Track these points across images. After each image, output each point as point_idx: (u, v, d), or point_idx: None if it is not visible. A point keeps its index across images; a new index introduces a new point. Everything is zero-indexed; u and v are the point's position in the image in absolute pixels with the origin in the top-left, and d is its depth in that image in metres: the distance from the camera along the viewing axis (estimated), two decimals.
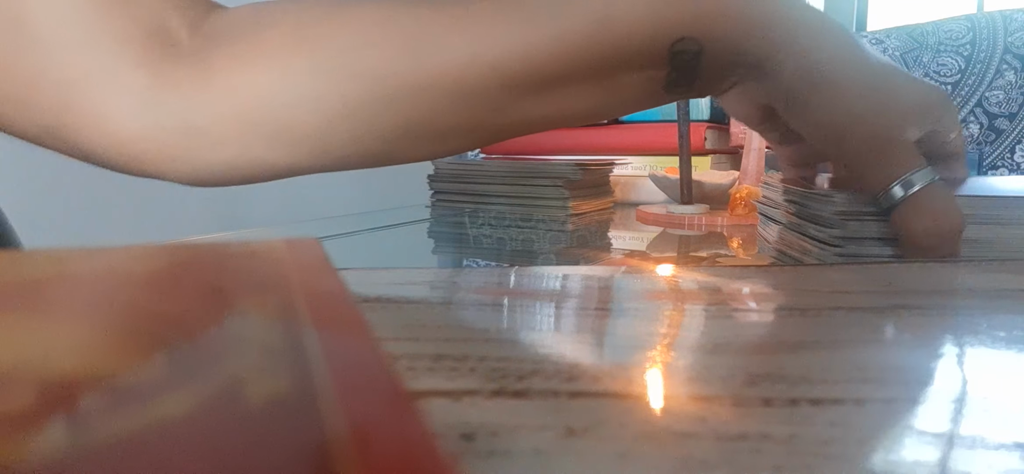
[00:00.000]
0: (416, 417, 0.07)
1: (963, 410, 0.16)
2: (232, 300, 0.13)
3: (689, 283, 0.33)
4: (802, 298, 0.30)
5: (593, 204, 0.72)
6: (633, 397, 0.17)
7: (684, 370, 0.20)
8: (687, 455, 0.14)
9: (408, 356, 0.21)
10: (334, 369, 0.08)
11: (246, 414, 0.07)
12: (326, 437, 0.07)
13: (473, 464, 0.14)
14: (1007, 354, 0.21)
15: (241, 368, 0.09)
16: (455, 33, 0.32)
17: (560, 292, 0.31)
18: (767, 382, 0.18)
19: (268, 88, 0.32)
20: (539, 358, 0.21)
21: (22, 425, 0.07)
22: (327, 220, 0.62)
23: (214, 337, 0.10)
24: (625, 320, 0.26)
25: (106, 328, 0.11)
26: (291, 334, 0.10)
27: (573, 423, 0.15)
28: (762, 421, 0.16)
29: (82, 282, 0.15)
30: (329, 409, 0.07)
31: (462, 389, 0.18)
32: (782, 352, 0.21)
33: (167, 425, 0.07)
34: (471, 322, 0.25)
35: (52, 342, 0.10)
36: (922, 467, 0.13)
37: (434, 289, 0.31)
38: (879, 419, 0.16)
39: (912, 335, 0.23)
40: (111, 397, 0.08)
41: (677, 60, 0.33)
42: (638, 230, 0.57)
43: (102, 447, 0.07)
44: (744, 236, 0.51)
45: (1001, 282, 0.30)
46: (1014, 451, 0.14)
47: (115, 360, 0.09)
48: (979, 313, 0.26)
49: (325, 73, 0.32)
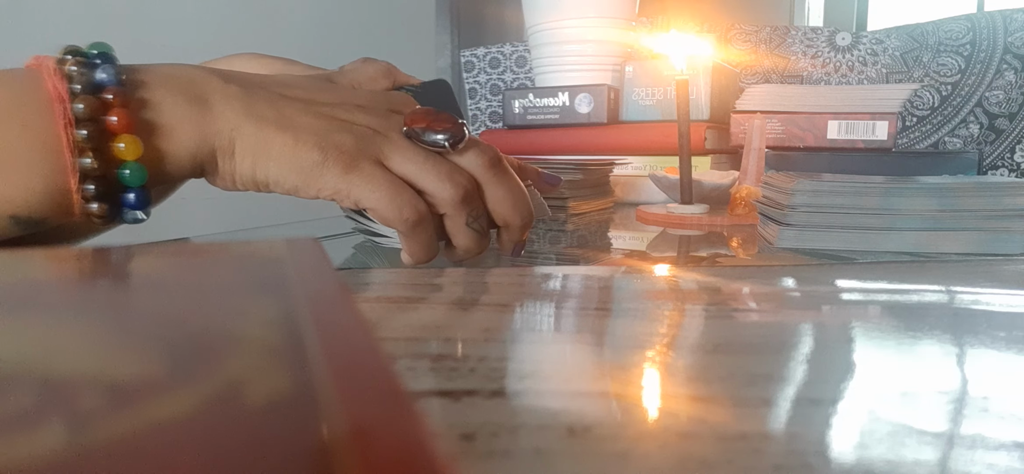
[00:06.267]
0: (416, 417, 0.07)
1: (963, 410, 0.16)
2: (233, 300, 0.13)
3: (689, 283, 0.33)
4: (802, 298, 0.30)
5: (593, 204, 0.72)
6: (633, 397, 0.17)
7: (684, 370, 0.20)
8: (687, 455, 0.14)
9: (408, 356, 0.21)
10: (334, 369, 0.08)
11: (246, 414, 0.07)
12: (326, 437, 0.07)
13: (473, 464, 0.14)
14: (1007, 354, 0.21)
15: (241, 368, 0.09)
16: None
17: (560, 292, 0.31)
18: (767, 382, 0.18)
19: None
20: (539, 358, 0.21)
21: (22, 425, 0.07)
22: (327, 220, 0.62)
23: (215, 337, 0.10)
24: (625, 320, 0.26)
25: (106, 328, 0.11)
26: (291, 334, 0.10)
27: (573, 423, 0.15)
28: (762, 421, 0.16)
29: (82, 282, 0.15)
30: (329, 409, 0.07)
31: (462, 389, 0.18)
32: (782, 352, 0.21)
33: (168, 424, 0.07)
34: (471, 322, 0.25)
35: (52, 342, 0.10)
36: (922, 467, 0.13)
37: (434, 289, 0.31)
38: (879, 419, 0.16)
39: (912, 335, 0.23)
40: (112, 397, 0.08)
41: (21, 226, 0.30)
42: (638, 230, 0.57)
43: (102, 447, 0.07)
44: (744, 236, 0.51)
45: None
46: (1014, 451, 0.14)
47: (116, 360, 0.09)
48: (979, 313, 0.26)
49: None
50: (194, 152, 0.31)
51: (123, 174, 0.29)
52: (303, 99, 0.33)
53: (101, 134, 0.28)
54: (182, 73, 0.31)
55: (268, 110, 0.32)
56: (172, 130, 0.30)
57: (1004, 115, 1.20)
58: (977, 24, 1.23)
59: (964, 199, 0.41)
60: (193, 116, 0.31)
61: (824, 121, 0.76)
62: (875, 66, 1.27)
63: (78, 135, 0.28)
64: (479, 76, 1.55)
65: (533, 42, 0.97)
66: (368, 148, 0.32)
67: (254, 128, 0.31)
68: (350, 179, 0.31)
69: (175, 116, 0.30)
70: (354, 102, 0.34)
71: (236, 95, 0.32)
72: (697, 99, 0.84)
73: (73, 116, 0.28)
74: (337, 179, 0.31)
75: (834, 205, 0.43)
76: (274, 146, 0.31)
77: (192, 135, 0.31)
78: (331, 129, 0.32)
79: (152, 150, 0.30)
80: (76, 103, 0.28)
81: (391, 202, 0.32)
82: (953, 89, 1.22)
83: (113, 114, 0.28)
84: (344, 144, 0.32)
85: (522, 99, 0.93)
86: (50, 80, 0.28)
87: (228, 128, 0.31)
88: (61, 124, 0.28)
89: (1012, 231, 0.41)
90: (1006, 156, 1.21)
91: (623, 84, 0.90)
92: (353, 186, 0.31)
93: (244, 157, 0.32)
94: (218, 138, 0.31)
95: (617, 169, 0.81)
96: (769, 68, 1.31)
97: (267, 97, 0.32)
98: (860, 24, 2.68)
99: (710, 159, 0.83)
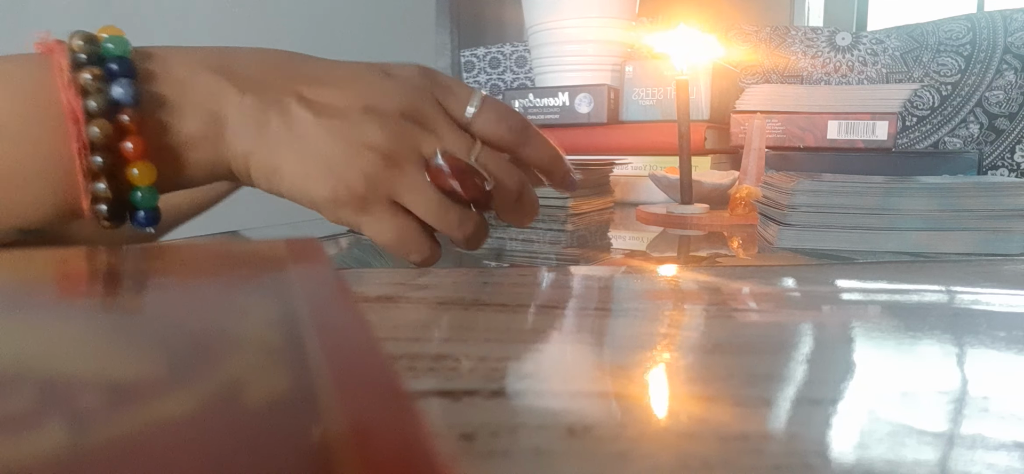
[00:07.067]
0: (416, 417, 0.07)
1: (963, 410, 0.16)
2: (233, 300, 0.13)
3: (689, 283, 0.33)
4: (802, 298, 0.30)
5: (593, 204, 0.72)
6: (633, 397, 0.17)
7: (684, 370, 0.20)
8: (687, 455, 0.14)
9: (408, 356, 0.21)
10: (334, 369, 0.08)
11: (246, 414, 0.07)
12: (326, 437, 0.07)
13: (473, 464, 0.14)
14: (1007, 354, 0.21)
15: (242, 368, 0.09)
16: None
17: (560, 292, 0.31)
18: (767, 382, 0.18)
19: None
20: (539, 358, 0.21)
21: (22, 425, 0.07)
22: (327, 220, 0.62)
23: (215, 337, 0.10)
24: (625, 320, 0.26)
25: (107, 328, 0.11)
26: (291, 334, 0.10)
27: (573, 423, 0.15)
28: (762, 421, 0.16)
29: (82, 282, 0.15)
30: (329, 409, 0.07)
31: (462, 389, 0.18)
32: (782, 352, 0.21)
33: (168, 424, 0.07)
34: (472, 322, 0.25)
35: (52, 342, 0.10)
36: (922, 467, 0.13)
37: (435, 289, 0.31)
38: (879, 419, 0.16)
39: (912, 335, 0.23)
40: (112, 397, 0.08)
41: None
42: (638, 230, 0.57)
43: (102, 447, 0.07)
44: (744, 236, 0.51)
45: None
46: (1014, 451, 0.14)
47: (115, 360, 0.09)
48: (979, 313, 0.26)
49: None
50: (210, 172, 0.31)
51: (135, 197, 0.29)
52: (321, 103, 0.32)
53: (116, 159, 0.28)
54: (201, 84, 0.30)
55: (282, 128, 0.31)
56: (187, 153, 0.30)
57: (1004, 115, 1.20)
58: (977, 24, 1.23)
59: (964, 199, 0.41)
60: (210, 136, 0.30)
61: (824, 121, 0.76)
62: (875, 66, 1.27)
63: (93, 162, 0.28)
64: (479, 76, 1.55)
65: (533, 42, 0.97)
66: (380, 187, 0.31)
67: (267, 153, 0.31)
68: (361, 220, 0.32)
69: (192, 138, 0.30)
70: (374, 105, 0.32)
71: (251, 111, 0.31)
72: (697, 99, 0.84)
73: (87, 140, 0.28)
74: (349, 216, 0.32)
75: (834, 205, 0.43)
76: (285, 176, 0.31)
77: (207, 156, 0.31)
78: (345, 159, 0.31)
79: (166, 172, 0.30)
80: (91, 126, 0.27)
81: (401, 246, 0.33)
82: (953, 89, 1.22)
83: (129, 141, 0.28)
84: (355, 185, 0.31)
85: (522, 99, 0.93)
86: (64, 92, 0.28)
87: (242, 151, 0.31)
88: (75, 147, 0.28)
89: (1012, 231, 0.41)
90: (1006, 156, 1.21)
91: (623, 84, 0.90)
92: (364, 226, 0.32)
93: (259, 177, 0.32)
94: (234, 161, 0.31)
95: (617, 169, 0.81)
96: (769, 68, 1.32)
97: (281, 110, 0.31)
98: (860, 24, 2.68)
99: (710, 159, 0.83)
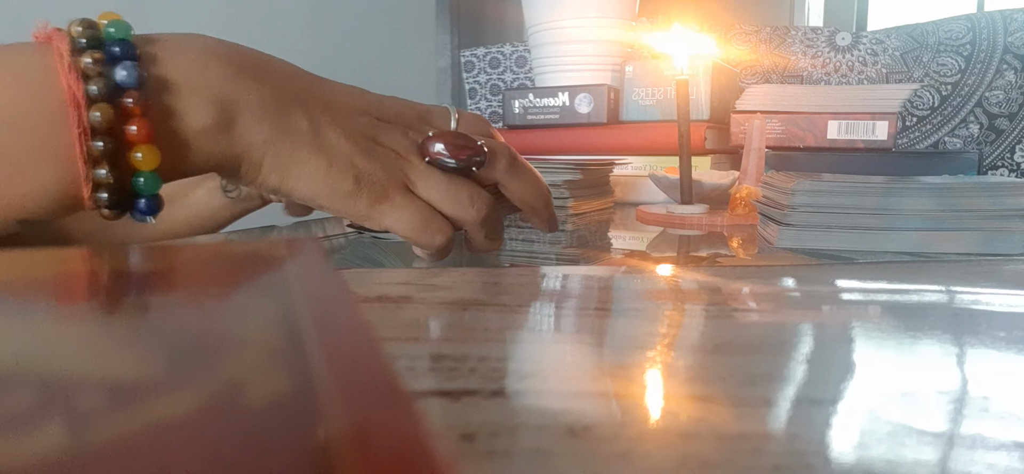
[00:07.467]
0: (416, 417, 0.07)
1: (963, 410, 0.16)
2: (233, 300, 0.13)
3: (689, 283, 0.33)
4: (802, 298, 0.30)
5: (593, 204, 0.72)
6: (633, 397, 0.17)
7: (684, 370, 0.20)
8: (687, 455, 0.14)
9: (408, 356, 0.21)
10: (334, 369, 0.08)
11: (246, 414, 0.07)
12: (326, 437, 0.07)
13: (473, 464, 0.14)
14: (1007, 354, 0.21)
15: (241, 368, 0.09)
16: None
17: (560, 292, 0.31)
18: (767, 382, 0.18)
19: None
20: (539, 358, 0.21)
21: (22, 425, 0.07)
22: (327, 220, 0.62)
23: (215, 337, 0.10)
24: (625, 320, 0.26)
25: (106, 328, 0.11)
26: (291, 334, 0.10)
27: (573, 423, 0.15)
28: (762, 421, 0.16)
29: (82, 282, 0.15)
30: (329, 409, 0.07)
31: (462, 389, 0.18)
32: (782, 352, 0.21)
33: (168, 425, 0.07)
34: (471, 322, 0.25)
35: (52, 342, 0.10)
36: (922, 467, 0.13)
37: (434, 289, 0.31)
38: (879, 419, 0.16)
39: (912, 335, 0.23)
40: (112, 397, 0.08)
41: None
42: (638, 230, 0.57)
43: (102, 447, 0.07)
44: (744, 236, 0.51)
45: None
46: (1014, 451, 0.14)
47: (115, 360, 0.09)
48: (979, 313, 0.26)
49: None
50: (217, 163, 0.30)
51: (137, 182, 0.28)
52: (336, 105, 0.32)
53: (118, 144, 0.27)
54: (213, 73, 0.29)
55: (304, 124, 0.31)
56: (196, 140, 0.29)
57: (1004, 115, 1.20)
58: (977, 24, 1.23)
59: (964, 199, 0.41)
60: (221, 126, 0.29)
61: (824, 121, 0.76)
62: (875, 66, 1.27)
63: (94, 147, 0.27)
64: (479, 76, 1.55)
65: (533, 42, 0.97)
66: (396, 176, 0.32)
67: (289, 147, 0.30)
68: (382, 209, 0.32)
69: (201, 126, 0.29)
70: (377, 114, 0.34)
71: (272, 105, 0.30)
72: (697, 99, 0.84)
73: (89, 125, 0.26)
74: (368, 208, 0.32)
75: (834, 205, 0.43)
76: (307, 168, 0.31)
77: (217, 146, 0.29)
78: (362, 153, 0.32)
79: (171, 159, 0.28)
80: (93, 111, 0.26)
81: (423, 231, 0.33)
82: (953, 89, 1.22)
83: (133, 124, 0.27)
84: (375, 175, 0.32)
85: (522, 99, 0.93)
86: (65, 77, 0.26)
87: (260, 142, 0.30)
88: (75, 132, 0.26)
89: (1012, 231, 0.41)
90: (1006, 156, 1.21)
91: (623, 84, 0.90)
92: (385, 215, 0.32)
93: (271, 172, 0.31)
94: (248, 152, 0.30)
95: (617, 169, 0.81)
96: (769, 68, 1.32)
97: (304, 106, 0.31)
98: (860, 24, 2.68)
99: (710, 159, 0.83)
